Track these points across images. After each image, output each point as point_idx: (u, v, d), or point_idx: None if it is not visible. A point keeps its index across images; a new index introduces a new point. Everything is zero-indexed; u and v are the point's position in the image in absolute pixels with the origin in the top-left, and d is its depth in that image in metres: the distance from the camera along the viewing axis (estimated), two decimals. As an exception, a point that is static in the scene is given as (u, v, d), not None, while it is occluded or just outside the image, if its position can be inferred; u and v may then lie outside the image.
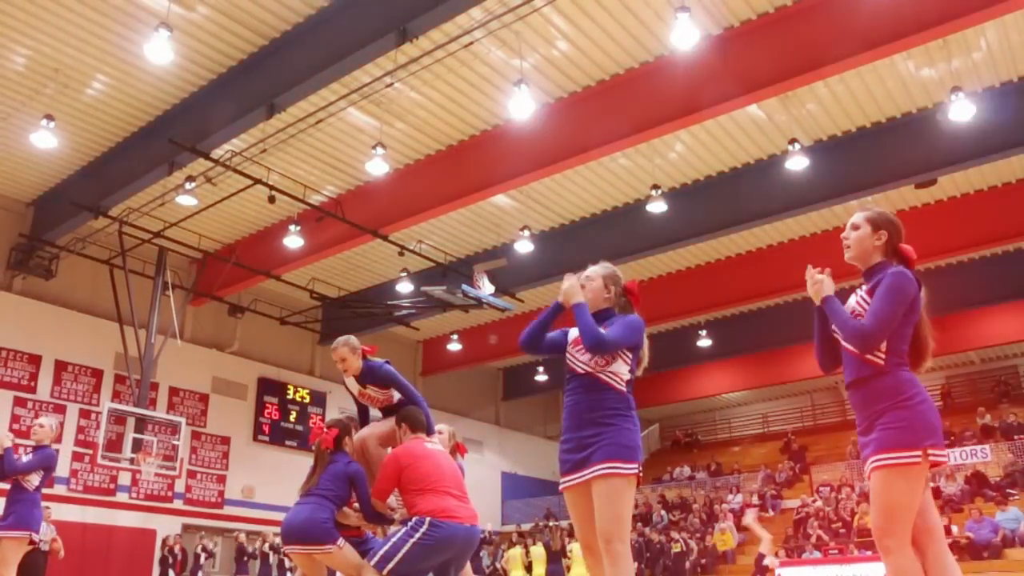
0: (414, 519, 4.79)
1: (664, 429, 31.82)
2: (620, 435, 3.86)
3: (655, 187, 15.08)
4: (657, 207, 15.22)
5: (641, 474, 3.93)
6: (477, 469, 25.43)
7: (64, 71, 12.77)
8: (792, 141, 13.63)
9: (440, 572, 4.93)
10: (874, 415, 3.38)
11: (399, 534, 4.76)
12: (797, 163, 13.76)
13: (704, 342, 22.52)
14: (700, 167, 15.32)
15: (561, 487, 3.99)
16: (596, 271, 4.22)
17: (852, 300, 3.65)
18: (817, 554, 17.46)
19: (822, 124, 13.92)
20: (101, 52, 12.37)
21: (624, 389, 3.98)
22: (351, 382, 5.56)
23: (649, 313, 19.80)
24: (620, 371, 4.00)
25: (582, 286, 4.11)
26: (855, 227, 3.73)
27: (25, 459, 7.27)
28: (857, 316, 3.51)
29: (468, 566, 6.09)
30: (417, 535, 4.70)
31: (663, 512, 22.78)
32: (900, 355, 3.49)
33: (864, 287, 3.66)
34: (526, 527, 23.01)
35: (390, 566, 4.67)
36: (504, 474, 26.93)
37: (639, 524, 21.82)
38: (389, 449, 5.36)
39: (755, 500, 22.29)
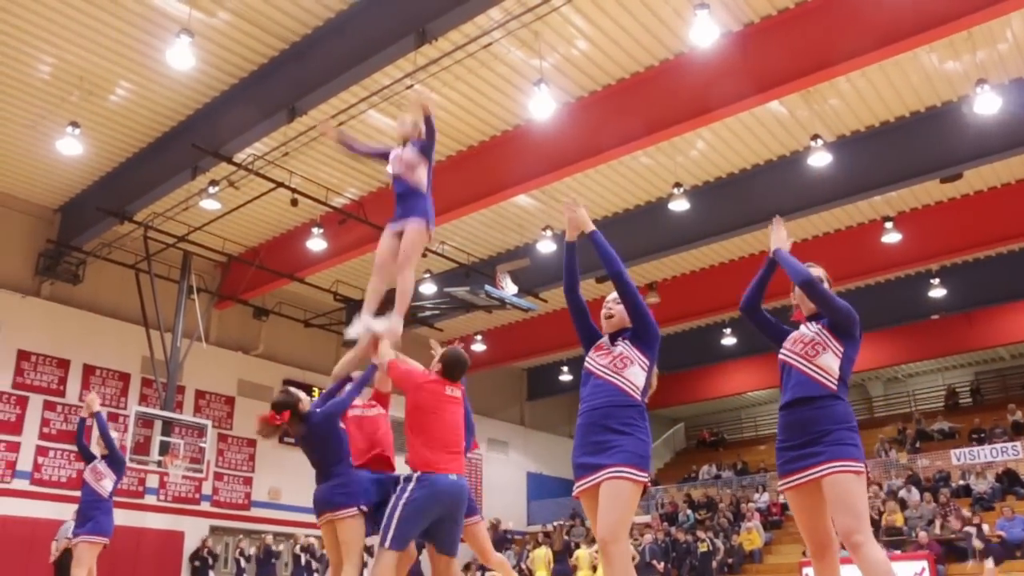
0: (404, 476, 5.02)
1: (689, 428, 31.74)
2: (635, 444, 3.95)
3: (677, 185, 15.02)
4: (679, 205, 15.15)
5: (649, 485, 4.04)
6: (502, 469, 25.51)
7: (88, 79, 12.92)
8: (815, 137, 13.54)
9: (436, 533, 5.05)
10: (822, 433, 3.84)
11: (391, 503, 4.92)
12: (820, 159, 13.66)
13: (728, 340, 22.43)
14: (722, 164, 15.24)
15: (575, 492, 4.05)
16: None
17: (809, 332, 4.12)
18: (845, 552, 17.29)
19: (845, 119, 13.80)
20: (124, 59, 12.50)
21: (639, 398, 4.06)
22: (395, 152, 5.65)
23: (673, 312, 19.73)
24: (636, 379, 4.07)
25: (610, 315, 4.29)
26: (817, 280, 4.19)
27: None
28: (817, 343, 4.03)
29: (492, 551, 6.19)
30: (406, 494, 4.87)
31: (689, 511, 22.67)
32: (847, 385, 4.00)
33: (813, 322, 4.16)
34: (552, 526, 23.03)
35: (391, 535, 4.81)
36: (529, 474, 26.93)
37: (665, 523, 21.75)
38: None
39: (781, 499, 22.13)
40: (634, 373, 4.08)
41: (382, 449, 5.90)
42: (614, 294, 4.31)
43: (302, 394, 5.83)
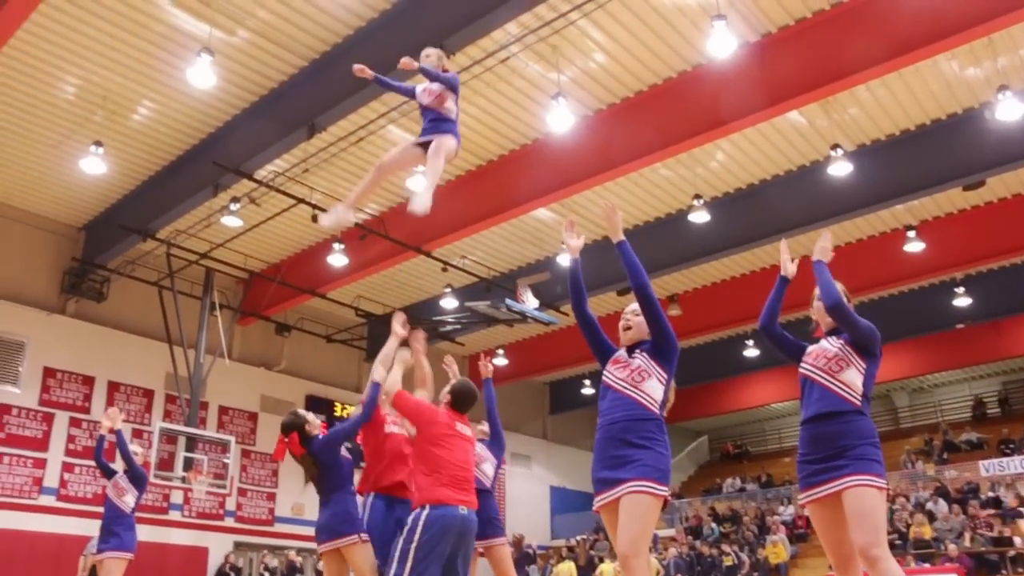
0: (411, 515, 4.93)
1: (713, 441, 31.56)
2: (655, 457, 3.94)
3: (697, 197, 14.98)
4: (699, 217, 15.11)
5: (669, 499, 4.04)
6: (526, 484, 25.43)
7: (112, 98, 13.08)
8: (835, 147, 13.46)
9: (446, 567, 4.95)
10: (846, 447, 3.88)
11: (400, 544, 4.85)
12: (840, 168, 13.58)
13: (751, 352, 22.29)
14: (742, 175, 15.19)
15: (595, 507, 4.03)
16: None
17: (832, 347, 4.17)
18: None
19: (865, 128, 13.73)
20: (146, 78, 12.66)
21: (658, 411, 4.05)
22: (422, 86, 5.59)
23: (695, 324, 19.65)
24: (655, 392, 4.06)
25: (628, 327, 4.28)
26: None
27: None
28: (840, 359, 4.07)
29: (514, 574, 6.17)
30: (416, 535, 4.80)
31: (714, 525, 22.50)
32: (869, 400, 4.05)
33: (833, 337, 4.22)
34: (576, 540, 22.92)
35: None
36: (553, 488, 26.82)
37: (689, 537, 21.60)
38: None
39: (807, 512, 21.90)
40: (652, 386, 4.06)
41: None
42: (633, 305, 4.30)
43: (310, 416, 5.85)
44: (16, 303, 16.51)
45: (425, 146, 5.33)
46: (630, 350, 4.25)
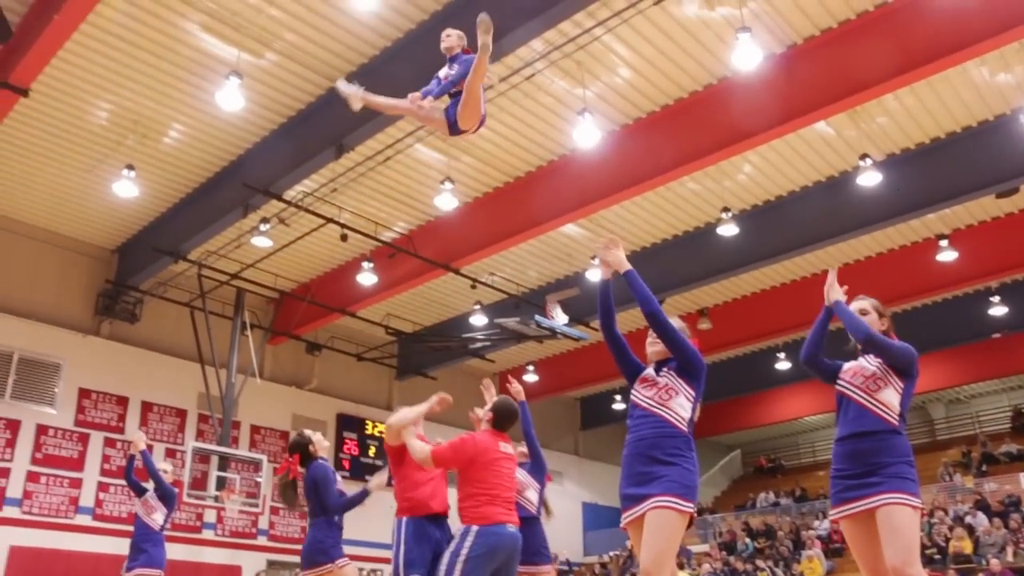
0: (460, 530, 4.93)
1: (746, 455, 31.25)
2: (680, 474, 3.94)
3: (725, 210, 14.92)
4: (728, 230, 15.03)
5: (695, 516, 4.02)
6: (558, 500, 25.10)
7: (143, 122, 13.28)
8: (863, 156, 13.36)
9: None
10: (881, 464, 3.88)
11: (448, 557, 4.85)
12: (870, 179, 13.47)
13: (783, 365, 22.06)
14: (770, 188, 15.10)
15: (622, 524, 4.04)
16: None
17: (871, 366, 4.15)
18: None
19: (894, 137, 13.60)
20: (176, 102, 12.85)
21: (685, 429, 4.06)
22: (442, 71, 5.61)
23: (725, 337, 19.47)
24: (682, 410, 4.05)
25: (655, 343, 4.28)
26: (864, 312, 4.27)
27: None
28: (878, 378, 4.06)
29: None
30: (465, 549, 4.80)
31: (748, 540, 22.25)
32: (905, 420, 4.05)
33: (872, 355, 4.19)
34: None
35: None
36: (585, 504, 26.68)
37: (723, 552, 21.37)
38: None
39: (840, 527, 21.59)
40: (680, 404, 4.07)
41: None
42: None
43: (316, 436, 6.15)
44: (52, 325, 16.77)
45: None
46: (658, 368, 4.25)
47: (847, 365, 4.22)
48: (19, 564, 15.15)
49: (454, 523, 5.27)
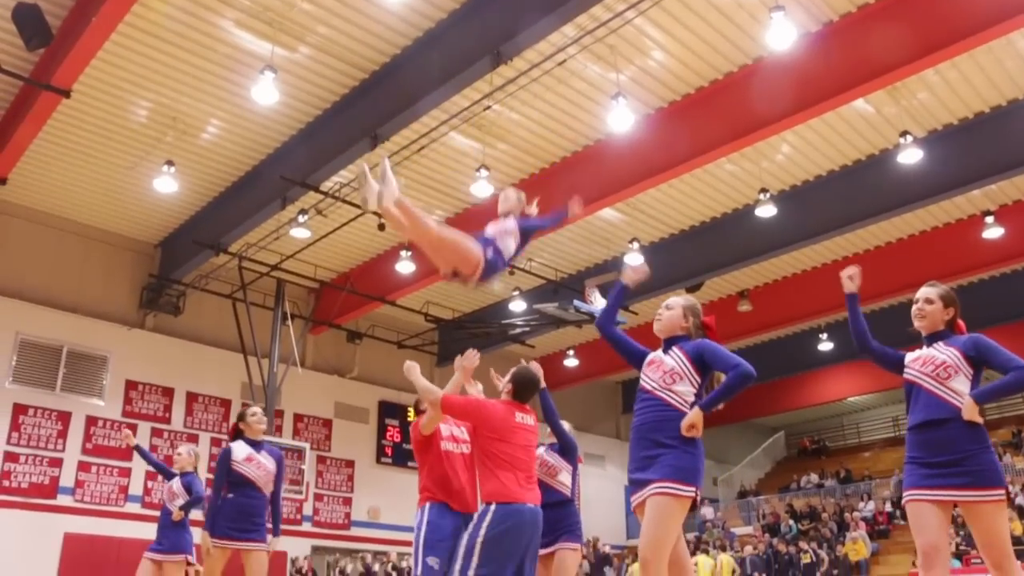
0: (479, 509, 4.72)
1: (789, 436, 31.02)
2: (679, 457, 3.94)
3: (763, 191, 14.74)
4: (766, 211, 14.86)
5: (699, 498, 3.98)
6: (600, 484, 25.33)
7: (182, 119, 13.47)
8: (904, 133, 13.11)
9: (519, 570, 4.70)
10: (965, 455, 3.80)
11: (465, 541, 4.60)
12: (911, 156, 13.21)
13: (825, 345, 21.82)
14: (809, 167, 14.89)
15: (632, 507, 4.08)
16: (677, 301, 4.45)
17: (941, 355, 4.08)
18: (957, 563, 16.62)
19: (935, 113, 13.33)
20: (213, 98, 13.01)
21: (688, 411, 4.02)
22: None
23: (766, 319, 19.25)
24: (685, 393, 4.08)
25: (659, 318, 4.43)
26: (929, 301, 4.24)
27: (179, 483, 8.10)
28: (949, 366, 3.99)
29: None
30: (483, 531, 4.55)
31: (791, 522, 22.13)
32: None
33: (940, 343, 4.14)
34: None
35: (470, 574, 4.49)
36: (627, 488, 26.53)
37: (766, 534, 21.27)
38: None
39: (888, 507, 21.40)
40: (684, 388, 4.11)
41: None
42: (667, 300, 4.47)
43: (249, 412, 7.21)
44: (99, 319, 17.15)
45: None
46: (666, 347, 4.30)
47: (913, 354, 4.17)
48: (73, 550, 15.63)
49: None
